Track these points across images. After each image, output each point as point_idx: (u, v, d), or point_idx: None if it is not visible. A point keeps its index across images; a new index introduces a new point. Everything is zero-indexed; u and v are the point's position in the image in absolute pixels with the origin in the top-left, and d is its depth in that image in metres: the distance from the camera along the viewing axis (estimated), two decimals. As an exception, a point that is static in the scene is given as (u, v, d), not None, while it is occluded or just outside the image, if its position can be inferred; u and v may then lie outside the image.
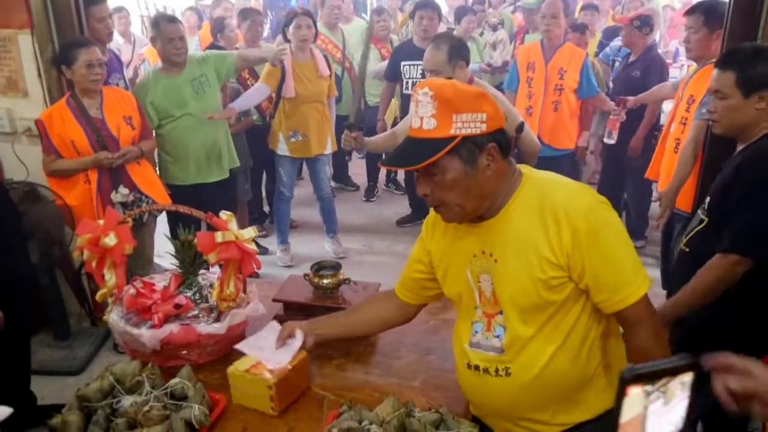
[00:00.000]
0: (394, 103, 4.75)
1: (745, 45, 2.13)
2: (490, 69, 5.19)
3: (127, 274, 1.81)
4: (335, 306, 1.87)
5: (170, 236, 1.86)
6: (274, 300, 1.93)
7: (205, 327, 1.67)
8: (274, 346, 1.58)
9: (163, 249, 2.61)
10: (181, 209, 1.71)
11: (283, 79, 4.00)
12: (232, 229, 1.66)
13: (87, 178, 3.01)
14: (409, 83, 4.50)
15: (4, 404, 1.37)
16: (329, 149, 4.31)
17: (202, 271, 1.84)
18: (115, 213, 1.82)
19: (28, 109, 3.14)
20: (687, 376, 0.73)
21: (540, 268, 1.28)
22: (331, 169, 4.69)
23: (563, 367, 1.34)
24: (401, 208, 5.28)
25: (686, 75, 3.63)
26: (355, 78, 5.20)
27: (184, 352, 1.68)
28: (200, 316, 1.72)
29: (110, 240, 1.69)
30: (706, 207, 1.99)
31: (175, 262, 1.82)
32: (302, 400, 1.56)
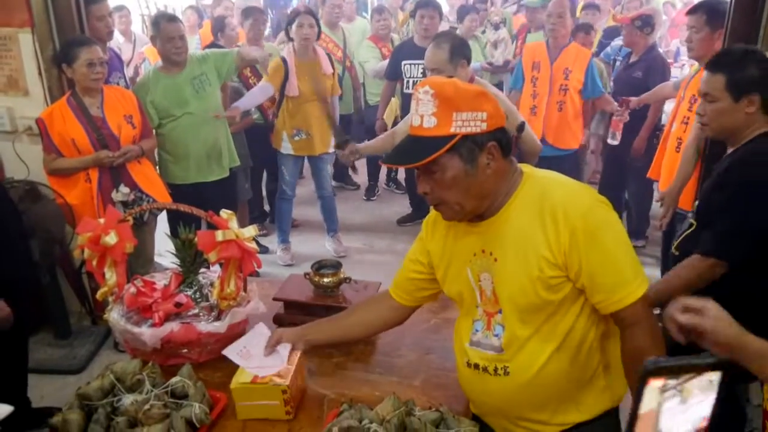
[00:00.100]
0: (394, 102, 4.75)
1: (735, 47, 2.10)
2: (492, 67, 5.19)
3: (127, 273, 1.81)
4: (336, 305, 1.87)
5: (171, 235, 1.86)
6: (274, 299, 1.93)
7: (206, 326, 1.67)
8: (263, 353, 1.55)
9: (164, 248, 2.61)
10: (182, 208, 1.71)
11: (286, 77, 4.00)
12: (232, 227, 1.66)
13: (88, 177, 3.01)
14: (409, 82, 4.49)
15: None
16: (332, 148, 4.30)
17: (202, 270, 1.84)
18: (115, 212, 1.82)
19: (29, 107, 3.14)
20: (713, 375, 0.71)
21: (538, 267, 1.28)
22: (332, 168, 4.69)
23: (562, 367, 1.34)
24: (402, 207, 5.27)
25: (688, 74, 3.62)
26: (355, 77, 5.20)
27: (185, 350, 1.68)
28: (201, 314, 1.72)
29: (111, 239, 1.69)
30: (695, 211, 1.97)
31: (176, 260, 1.82)
32: (303, 399, 1.56)
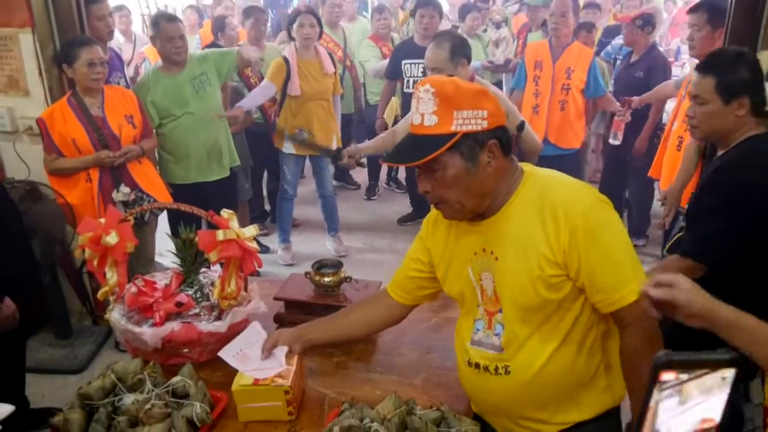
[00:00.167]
0: (394, 101, 4.75)
1: (727, 49, 2.08)
2: (492, 66, 5.19)
3: (128, 273, 1.81)
4: (336, 304, 1.87)
5: (171, 235, 1.86)
6: (275, 298, 1.94)
7: (207, 325, 1.67)
8: (259, 355, 1.54)
9: (165, 247, 2.61)
10: (183, 207, 1.71)
11: (288, 77, 4.00)
12: (233, 227, 1.66)
13: (88, 177, 3.01)
14: (409, 81, 4.49)
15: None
16: (334, 147, 4.31)
17: (203, 270, 1.84)
18: (116, 211, 1.82)
19: (29, 107, 3.14)
20: (727, 372, 0.70)
21: (539, 265, 1.28)
22: (333, 168, 4.69)
23: (562, 366, 1.34)
24: (402, 207, 5.27)
25: (689, 73, 3.62)
26: (356, 76, 5.20)
27: (186, 350, 1.69)
28: (201, 314, 1.72)
29: (111, 238, 1.69)
30: (686, 213, 1.96)
31: (177, 260, 1.83)
32: (303, 398, 1.56)
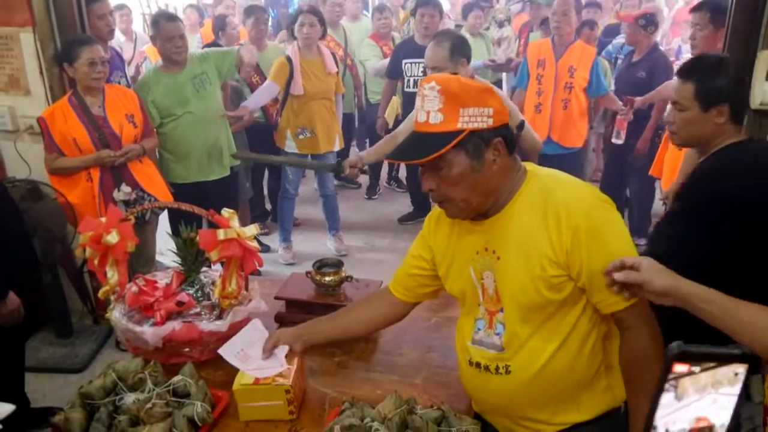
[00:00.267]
0: (395, 100, 4.75)
1: (708, 56, 2.05)
2: (494, 65, 5.18)
3: (129, 272, 1.81)
4: (337, 303, 1.87)
5: (172, 234, 1.86)
6: (276, 297, 1.94)
7: (207, 324, 1.67)
8: (260, 354, 1.54)
9: (165, 247, 2.61)
10: (184, 207, 1.71)
11: (291, 76, 4.00)
12: (234, 226, 1.66)
13: (89, 176, 3.01)
14: (410, 81, 4.49)
15: None
16: (337, 146, 4.32)
17: (204, 269, 1.84)
18: (117, 211, 1.82)
19: (30, 107, 3.14)
20: (740, 368, 0.69)
21: (540, 265, 1.28)
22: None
23: (563, 366, 1.34)
24: (403, 206, 5.28)
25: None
26: (357, 75, 5.20)
27: (187, 349, 1.69)
28: (202, 313, 1.72)
29: (112, 238, 1.69)
30: (666, 212, 1.96)
31: (177, 259, 1.83)
32: (304, 398, 1.56)
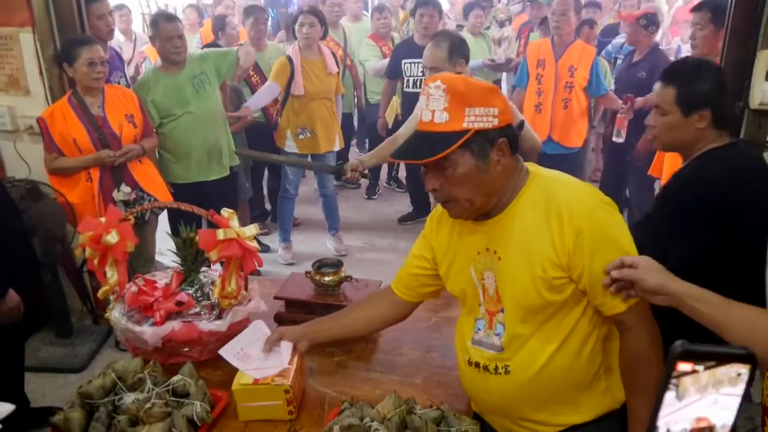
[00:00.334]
0: (395, 101, 4.75)
1: (690, 59, 2.03)
2: (494, 64, 5.18)
3: (128, 272, 1.81)
4: (337, 303, 1.87)
5: (172, 234, 1.86)
6: (275, 297, 1.94)
7: (207, 324, 1.67)
8: (261, 353, 1.53)
9: (165, 247, 2.62)
10: (183, 207, 1.71)
11: (292, 76, 4.01)
12: (233, 226, 1.66)
13: (89, 176, 3.01)
14: (410, 81, 4.50)
15: None
16: (337, 146, 4.32)
17: (203, 269, 1.84)
18: (117, 211, 1.82)
19: (30, 107, 3.14)
20: (743, 368, 0.69)
21: (542, 267, 1.28)
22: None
23: (563, 367, 1.34)
24: (402, 206, 5.28)
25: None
26: (356, 75, 5.20)
27: (186, 349, 1.69)
28: (202, 313, 1.72)
29: (112, 237, 1.69)
30: (646, 213, 1.96)
31: (177, 259, 1.83)
32: (303, 398, 1.56)
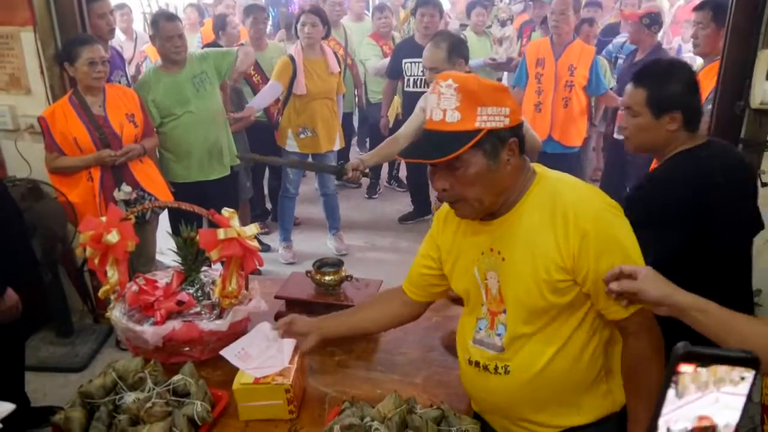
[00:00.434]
0: (395, 100, 4.75)
1: (660, 60, 1.98)
2: (495, 64, 5.17)
3: (129, 271, 1.81)
4: (337, 303, 1.87)
5: (172, 233, 1.86)
6: (276, 297, 1.94)
7: (208, 324, 1.67)
8: (262, 352, 1.53)
9: (166, 246, 2.61)
10: (184, 206, 1.71)
11: (294, 75, 4.01)
12: (234, 225, 1.66)
13: (90, 176, 3.02)
14: (410, 80, 4.50)
15: None
16: (337, 146, 4.32)
17: (204, 268, 1.84)
18: (117, 210, 1.82)
19: (31, 106, 3.14)
20: (746, 372, 0.69)
21: (546, 269, 1.27)
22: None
23: (563, 369, 1.33)
24: (403, 205, 5.28)
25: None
26: (357, 75, 5.20)
27: (187, 348, 1.69)
28: (202, 312, 1.72)
29: (113, 237, 1.69)
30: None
31: (178, 259, 1.83)
32: (304, 397, 1.56)
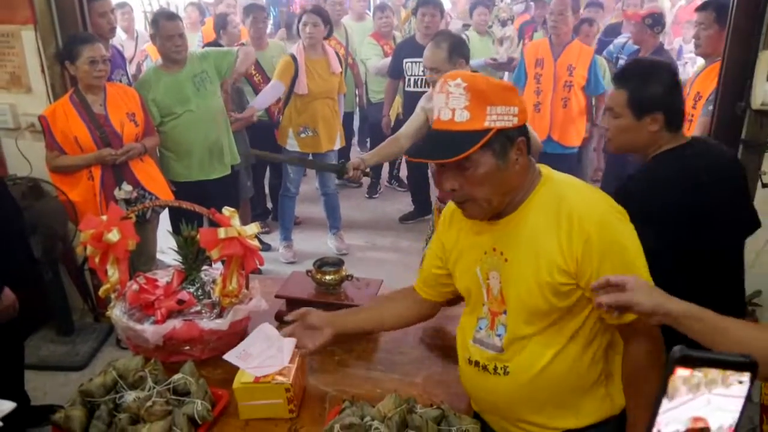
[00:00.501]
0: (396, 99, 4.75)
1: (642, 60, 1.96)
2: (495, 64, 5.17)
3: (130, 270, 1.81)
4: (337, 302, 1.87)
5: (173, 232, 1.86)
6: (276, 296, 1.94)
7: (208, 323, 1.67)
8: (262, 351, 1.53)
9: (166, 245, 2.61)
10: (185, 205, 1.72)
11: (296, 75, 4.01)
12: (234, 225, 1.66)
13: (90, 175, 3.02)
14: (411, 80, 4.50)
15: None
16: (338, 145, 4.32)
17: (204, 267, 1.84)
18: (118, 209, 1.82)
19: (32, 104, 3.15)
20: (743, 376, 0.69)
21: (549, 272, 1.27)
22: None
23: (562, 371, 1.33)
24: (403, 205, 5.28)
25: (693, 71, 3.62)
26: (358, 74, 5.20)
27: (187, 347, 1.69)
28: (203, 312, 1.72)
29: (113, 236, 1.69)
30: None
31: (178, 258, 1.83)
32: (304, 396, 1.56)
